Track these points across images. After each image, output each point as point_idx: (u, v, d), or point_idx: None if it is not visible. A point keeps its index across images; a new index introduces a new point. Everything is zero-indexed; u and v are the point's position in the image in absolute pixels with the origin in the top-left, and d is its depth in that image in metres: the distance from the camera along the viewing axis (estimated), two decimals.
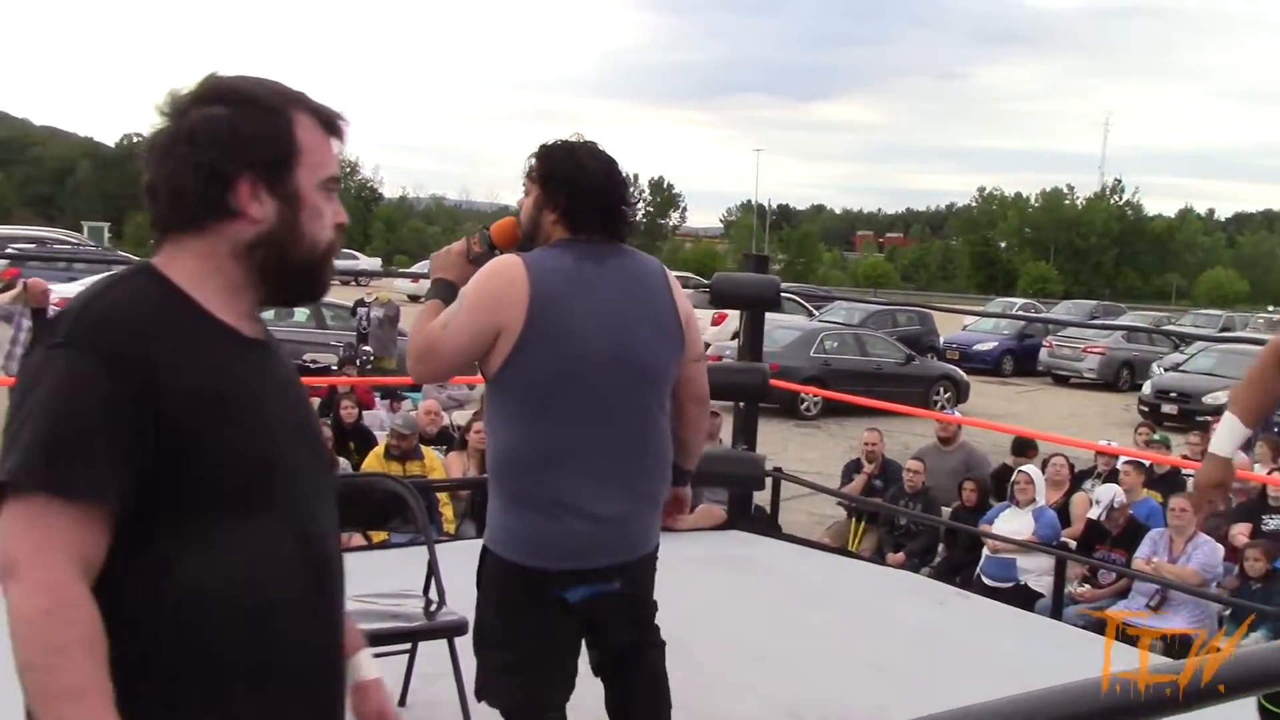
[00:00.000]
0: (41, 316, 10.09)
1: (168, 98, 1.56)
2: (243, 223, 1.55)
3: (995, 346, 27.04)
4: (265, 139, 1.54)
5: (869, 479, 8.98)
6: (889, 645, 5.00)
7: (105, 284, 1.54)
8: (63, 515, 1.39)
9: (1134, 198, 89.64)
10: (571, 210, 2.81)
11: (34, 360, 1.46)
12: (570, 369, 2.73)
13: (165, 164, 1.54)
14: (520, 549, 2.81)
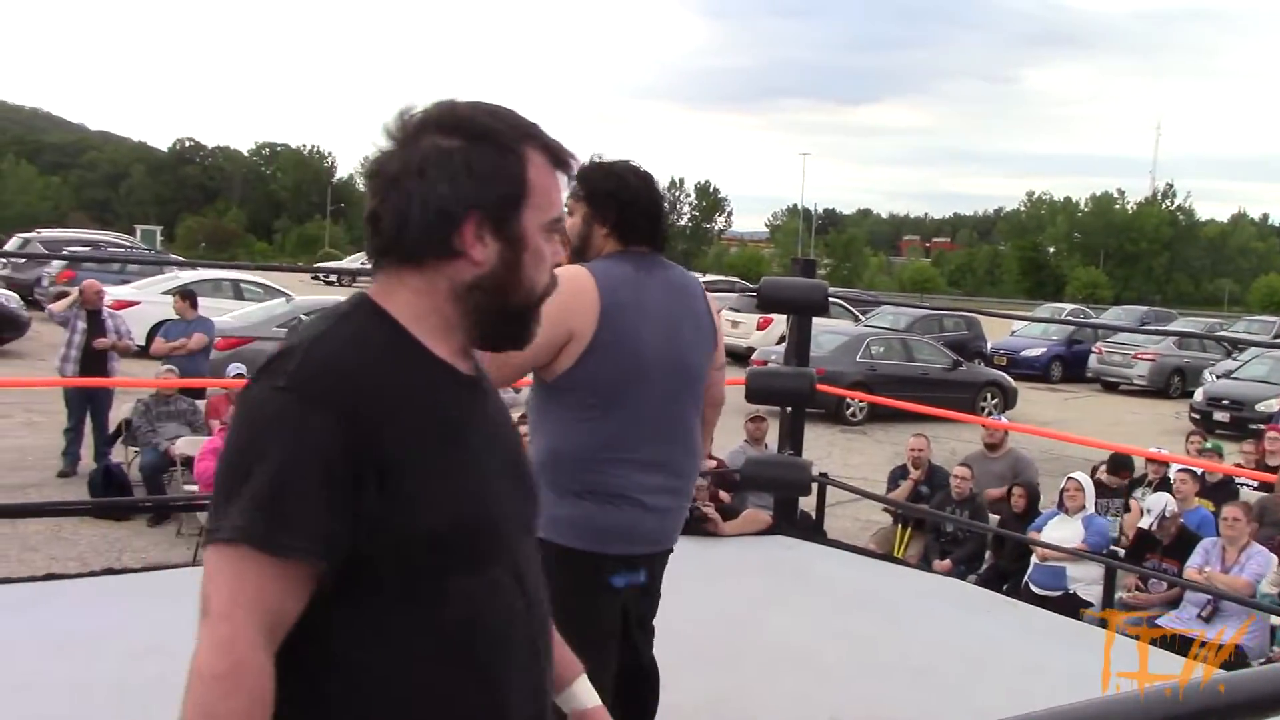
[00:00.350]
0: (96, 318, 10.26)
1: (398, 121, 1.50)
2: (464, 263, 1.49)
3: (1044, 352, 26.79)
4: (498, 179, 1.48)
5: (915, 485, 8.92)
6: (934, 653, 4.97)
7: (330, 321, 1.47)
8: (266, 569, 1.35)
9: (1186, 202, 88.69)
10: (622, 223, 3.02)
11: (255, 397, 1.41)
12: (633, 369, 2.94)
13: (392, 195, 1.47)
14: (581, 536, 2.93)
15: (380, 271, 1.52)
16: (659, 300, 3.01)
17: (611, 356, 2.91)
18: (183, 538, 8.41)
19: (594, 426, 2.94)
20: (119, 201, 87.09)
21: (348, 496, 1.37)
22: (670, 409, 3.01)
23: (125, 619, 4.69)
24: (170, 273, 19.53)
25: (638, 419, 2.96)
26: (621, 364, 2.92)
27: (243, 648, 1.34)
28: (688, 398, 3.08)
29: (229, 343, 14.18)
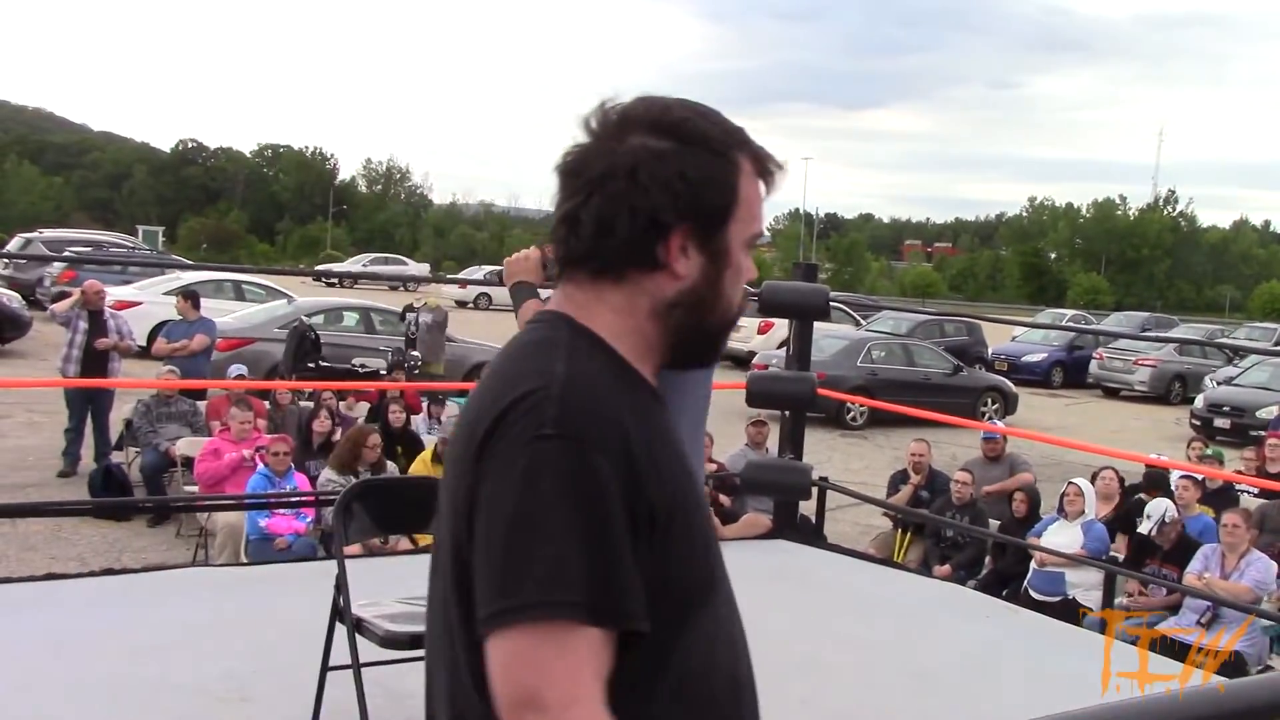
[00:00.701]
0: (98, 318, 10.26)
1: (599, 114, 1.38)
2: (665, 277, 1.36)
3: (1045, 358, 26.77)
4: (711, 188, 1.35)
5: (916, 490, 8.92)
6: (934, 658, 4.97)
7: (559, 353, 1.32)
8: (594, 642, 1.20)
9: (1188, 208, 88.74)
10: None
11: (517, 451, 1.24)
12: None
13: (595, 196, 1.34)
14: None
15: (569, 282, 1.40)
16: None
17: None
18: (182, 538, 8.41)
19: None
20: (121, 202, 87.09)
21: (634, 542, 1.24)
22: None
23: (125, 619, 4.69)
24: (172, 273, 19.54)
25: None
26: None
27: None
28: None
29: (230, 343, 14.18)
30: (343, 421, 9.30)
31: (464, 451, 1.30)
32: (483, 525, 1.24)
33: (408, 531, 5.96)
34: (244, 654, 4.32)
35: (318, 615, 3.83)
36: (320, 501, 7.14)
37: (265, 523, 7.24)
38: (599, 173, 1.34)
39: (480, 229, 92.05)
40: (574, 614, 1.18)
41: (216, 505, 7.61)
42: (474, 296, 39.60)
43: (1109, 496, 8.26)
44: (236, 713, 3.83)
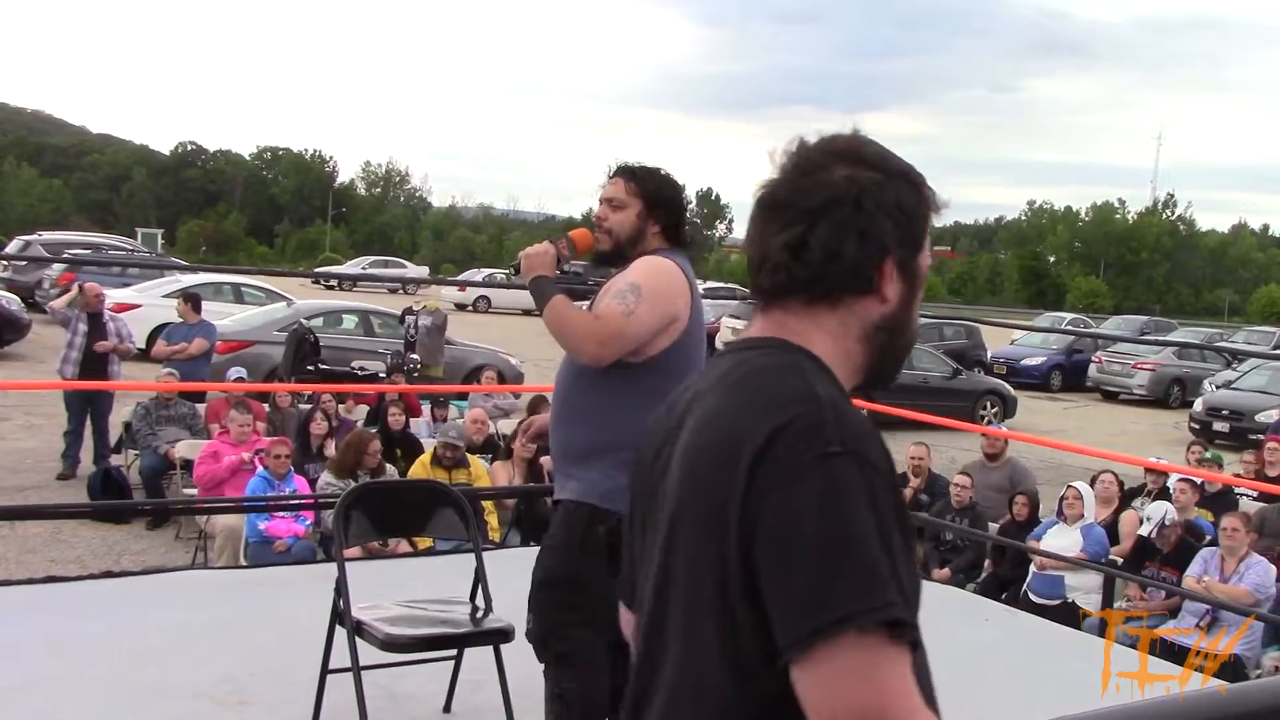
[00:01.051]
0: (97, 321, 10.26)
1: (799, 150, 1.45)
2: (873, 301, 1.43)
3: (1044, 362, 26.78)
4: (916, 217, 1.46)
5: (915, 493, 8.92)
6: (933, 661, 4.96)
7: (806, 376, 1.35)
8: (906, 652, 1.23)
9: (1186, 212, 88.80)
10: (673, 225, 3.31)
11: (806, 468, 1.24)
12: (697, 355, 3.21)
13: (822, 223, 1.39)
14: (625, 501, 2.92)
15: (779, 307, 1.45)
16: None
17: (695, 340, 3.20)
18: (181, 541, 8.41)
19: (649, 402, 2.87)
20: (120, 204, 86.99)
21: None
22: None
23: (124, 622, 4.69)
24: (171, 276, 19.55)
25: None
26: (696, 350, 3.20)
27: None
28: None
29: (229, 346, 14.18)
30: (342, 424, 9.30)
31: (719, 473, 1.30)
32: (781, 542, 1.23)
33: (407, 534, 5.96)
34: (243, 657, 4.32)
35: (317, 618, 3.83)
36: (319, 504, 7.15)
37: (264, 525, 7.24)
38: (821, 201, 1.40)
39: (479, 232, 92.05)
40: (896, 624, 1.20)
41: (216, 508, 7.62)
42: (473, 299, 39.64)
43: (1108, 500, 8.27)
44: (236, 716, 3.83)
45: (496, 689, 3.68)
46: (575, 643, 3.04)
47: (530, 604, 3.16)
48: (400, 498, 4.25)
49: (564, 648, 3.07)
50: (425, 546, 6.74)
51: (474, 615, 3.80)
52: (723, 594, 1.28)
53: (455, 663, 3.92)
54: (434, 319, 14.50)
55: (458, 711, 3.97)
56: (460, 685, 3.96)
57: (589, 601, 2.97)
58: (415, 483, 6.13)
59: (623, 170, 3.34)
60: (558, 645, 3.08)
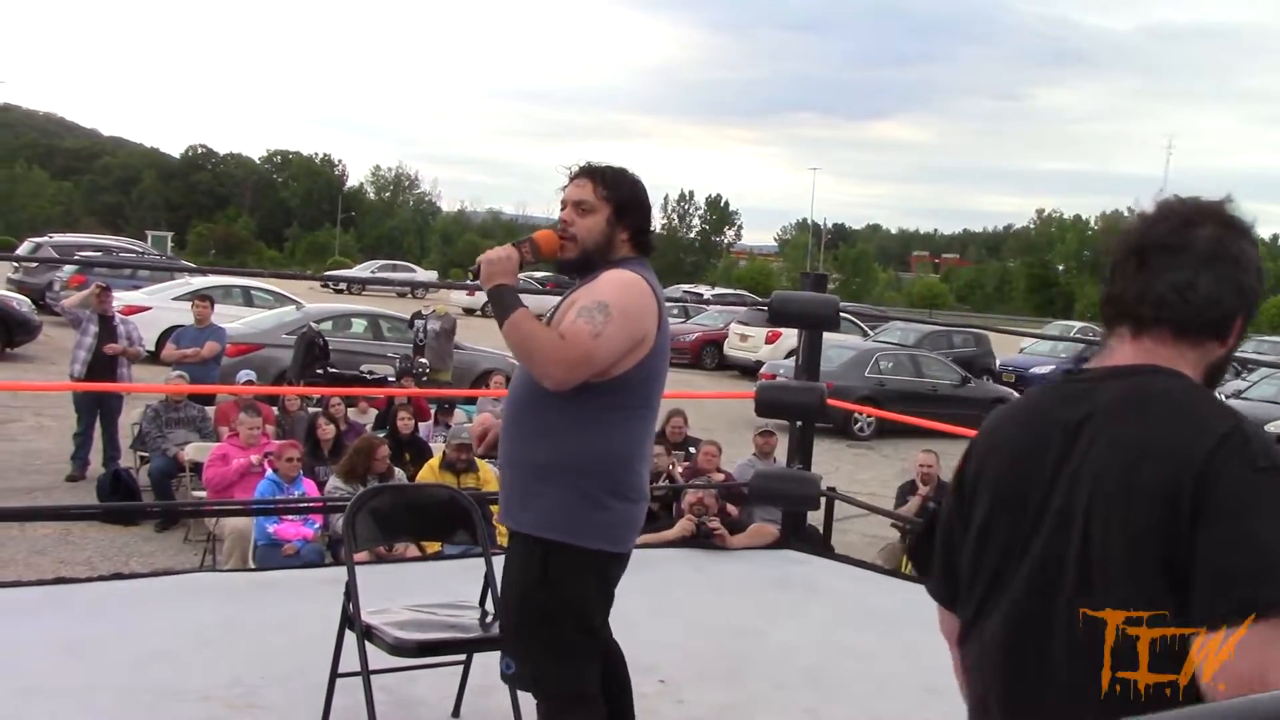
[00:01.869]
0: (107, 323, 10.28)
1: (1172, 203, 1.68)
2: (1218, 346, 1.65)
3: (1053, 370, 26.70)
4: (1262, 276, 1.67)
5: (924, 501, 8.89)
6: (944, 669, 4.94)
7: (1215, 399, 1.61)
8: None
9: None
10: (640, 232, 3.15)
11: (1248, 478, 1.48)
12: (662, 371, 3.09)
13: (1207, 272, 1.61)
14: (608, 536, 2.98)
15: (1150, 338, 1.65)
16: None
17: (658, 358, 3.04)
18: (190, 544, 8.42)
19: (632, 425, 3.02)
20: (130, 207, 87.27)
21: None
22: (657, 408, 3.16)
23: (133, 624, 4.69)
24: (181, 279, 19.59)
25: (653, 419, 3.13)
26: (660, 366, 3.07)
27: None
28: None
29: (239, 349, 14.20)
30: (351, 428, 9.31)
31: (1162, 479, 1.50)
32: (1224, 535, 1.45)
33: (416, 539, 5.96)
34: (253, 660, 4.32)
35: (326, 622, 3.83)
36: (329, 508, 7.15)
37: (273, 528, 7.25)
38: (1209, 253, 1.62)
39: (488, 236, 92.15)
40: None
41: (225, 511, 7.62)
42: (482, 304, 39.65)
43: None
44: (245, 719, 3.82)
45: (505, 694, 3.67)
46: (568, 680, 3.02)
47: (508, 647, 3.07)
48: (409, 502, 4.24)
49: (559, 688, 3.03)
50: (434, 551, 6.74)
51: (483, 620, 3.79)
52: (1143, 582, 1.52)
53: (464, 667, 3.92)
54: (443, 323, 14.51)
55: (466, 716, 3.96)
56: (469, 690, 3.96)
57: (567, 634, 2.97)
58: (424, 487, 6.14)
59: (589, 171, 3.13)
60: (550, 687, 3.04)
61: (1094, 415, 1.60)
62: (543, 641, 2.99)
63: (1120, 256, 1.68)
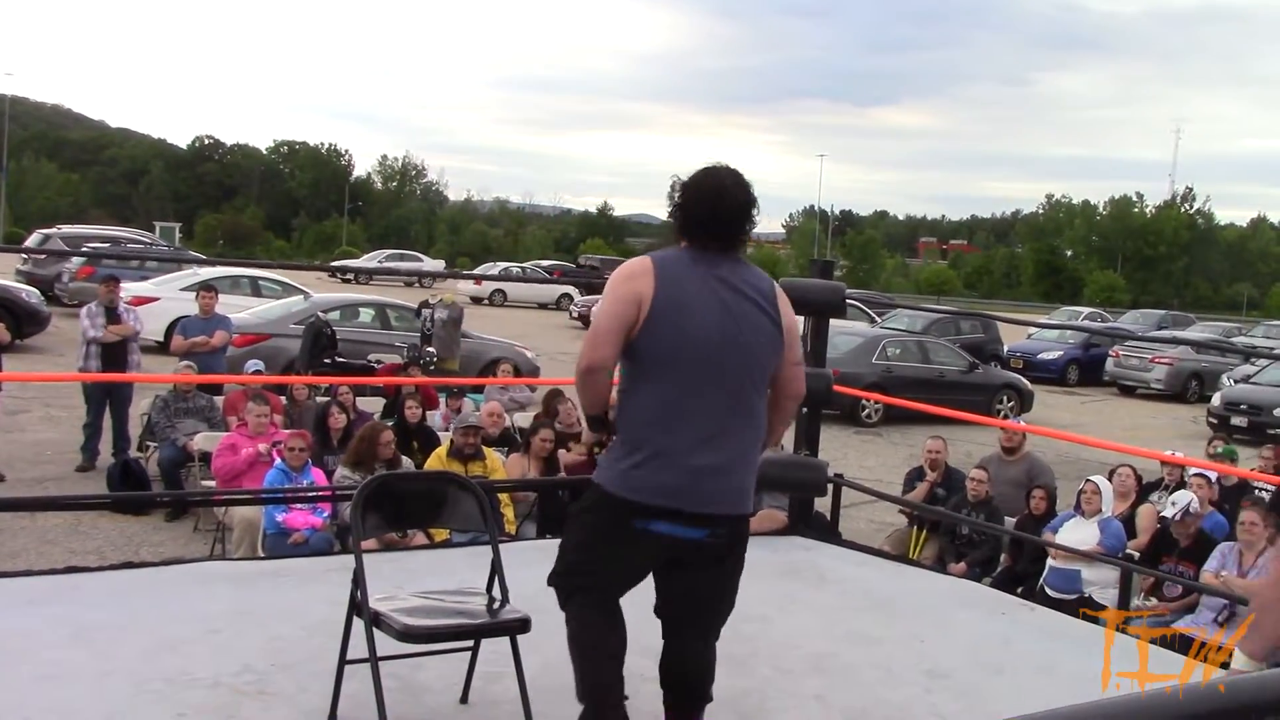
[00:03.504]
0: (114, 314, 10.31)
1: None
2: None
3: (1060, 356, 26.70)
4: None
5: (932, 487, 8.91)
6: (950, 655, 4.97)
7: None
8: None
9: (1205, 206, 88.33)
10: (685, 227, 3.52)
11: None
12: (680, 344, 3.38)
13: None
14: (625, 486, 3.42)
15: None
16: (711, 289, 3.42)
17: (662, 328, 3.36)
18: (200, 533, 8.45)
19: (650, 389, 3.42)
20: (138, 198, 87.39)
21: None
22: (723, 383, 3.42)
23: (144, 612, 4.72)
24: (189, 269, 19.63)
25: (688, 386, 3.39)
26: (670, 338, 3.37)
27: None
28: (744, 377, 3.46)
29: (247, 339, 14.24)
30: (360, 417, 9.34)
31: None
32: None
33: (423, 526, 5.99)
34: (262, 647, 4.34)
35: (334, 609, 3.85)
36: (337, 497, 7.17)
37: (282, 517, 7.28)
38: None
39: (495, 226, 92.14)
40: None
41: (234, 500, 7.65)
42: (489, 293, 39.69)
43: (1125, 494, 8.24)
44: (256, 706, 3.85)
45: (513, 680, 3.69)
46: (563, 575, 3.59)
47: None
48: (417, 489, 4.25)
49: (561, 576, 3.60)
50: (441, 539, 6.76)
51: (490, 606, 3.81)
52: None
53: (472, 654, 3.93)
54: (450, 312, 14.53)
55: (475, 702, 3.98)
56: (477, 676, 3.97)
57: (570, 547, 3.61)
58: (432, 474, 6.15)
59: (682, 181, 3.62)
60: (558, 570, 3.61)
61: None
62: (564, 544, 3.63)
63: None
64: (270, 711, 3.82)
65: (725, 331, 3.41)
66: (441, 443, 8.53)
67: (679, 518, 3.39)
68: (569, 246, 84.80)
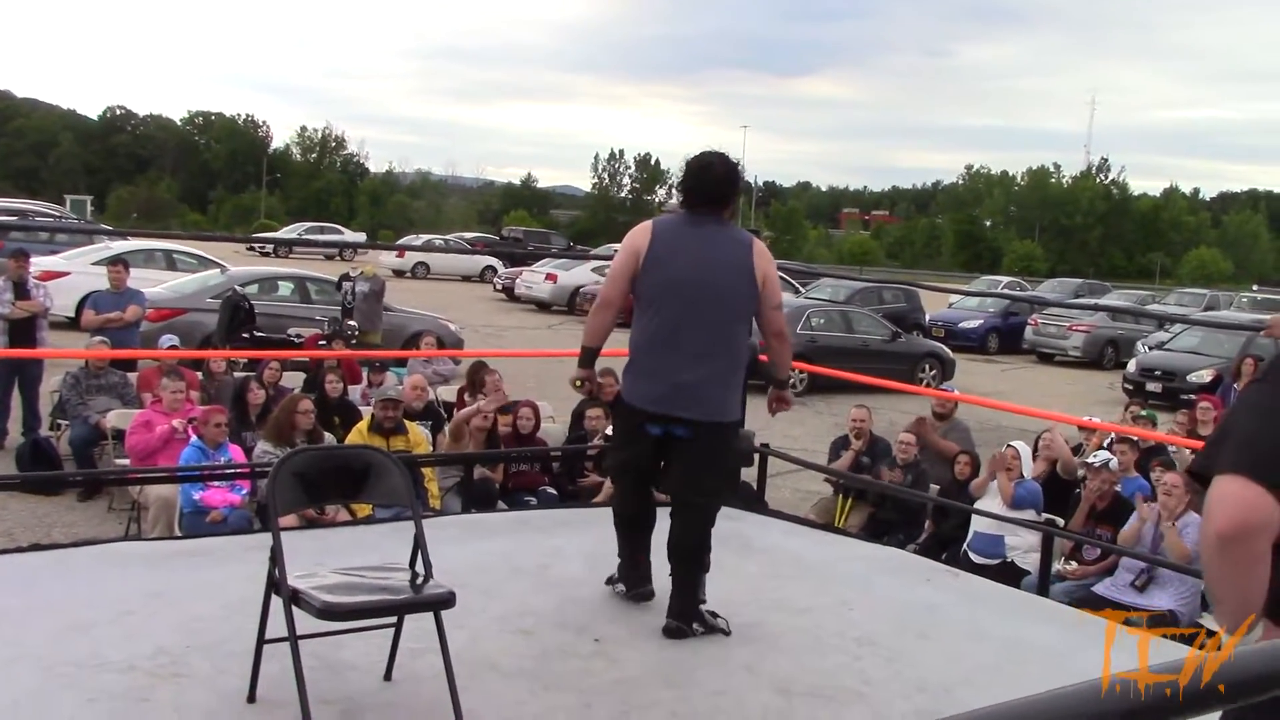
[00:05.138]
0: (22, 290, 10.00)
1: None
2: None
3: (981, 324, 27.09)
4: None
5: (857, 456, 8.95)
6: (877, 622, 4.99)
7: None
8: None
9: (1120, 177, 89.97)
10: (682, 191, 4.68)
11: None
12: (668, 285, 4.50)
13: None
14: (631, 395, 4.67)
15: None
16: (697, 244, 4.54)
17: (655, 274, 4.52)
18: (114, 513, 8.24)
19: (646, 323, 4.58)
20: (47, 171, 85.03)
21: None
22: (702, 317, 4.50)
23: (55, 595, 4.57)
24: (100, 243, 19.13)
25: (673, 321, 4.50)
26: (660, 279, 4.51)
27: None
28: (721, 313, 4.54)
29: (162, 314, 13.93)
30: (280, 393, 9.15)
31: None
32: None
33: (344, 501, 5.87)
34: (178, 629, 4.22)
35: (253, 588, 3.75)
36: (255, 473, 7.02)
37: (199, 496, 7.11)
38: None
39: (417, 197, 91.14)
40: None
41: (149, 478, 7.46)
42: (412, 265, 39.25)
43: (1050, 458, 8.34)
44: (170, 688, 3.74)
45: (438, 656, 3.62)
46: (612, 465, 5.38)
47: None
48: (337, 463, 4.13)
49: (609, 470, 5.67)
50: (365, 515, 6.65)
51: (414, 582, 3.73)
52: None
53: (395, 630, 3.85)
54: (372, 285, 14.33)
55: (399, 679, 3.91)
56: (401, 653, 3.90)
57: (618, 444, 5.11)
58: (352, 448, 6.02)
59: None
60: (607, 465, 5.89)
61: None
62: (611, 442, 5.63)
63: None
64: (186, 694, 3.71)
65: (702, 277, 4.46)
66: (363, 417, 8.39)
67: (668, 420, 4.53)
68: (492, 218, 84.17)
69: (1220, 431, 1.99)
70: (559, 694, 3.94)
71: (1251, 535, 1.83)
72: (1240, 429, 1.93)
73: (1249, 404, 2.00)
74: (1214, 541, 1.86)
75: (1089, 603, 6.45)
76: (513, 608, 4.76)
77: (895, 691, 4.18)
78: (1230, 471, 1.86)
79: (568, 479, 8.42)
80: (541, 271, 29.86)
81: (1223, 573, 1.87)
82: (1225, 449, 1.91)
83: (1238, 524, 1.82)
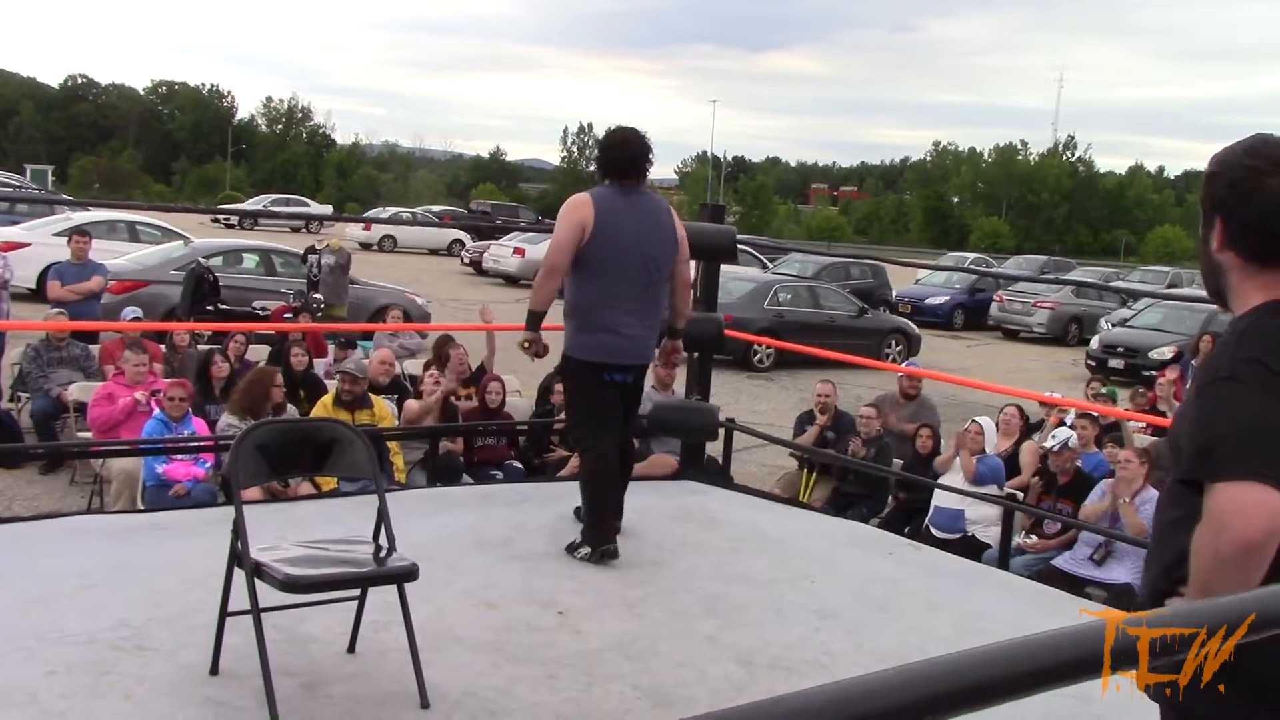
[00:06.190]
0: None
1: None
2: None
3: (947, 301, 27.23)
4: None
5: (821, 430, 8.99)
6: (839, 595, 5.03)
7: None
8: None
9: (1086, 154, 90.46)
10: (604, 168, 5.29)
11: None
12: (613, 251, 5.09)
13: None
14: (587, 352, 5.18)
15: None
16: (632, 212, 5.16)
17: (601, 242, 5.07)
18: (76, 486, 8.19)
19: (593, 286, 5.13)
20: (7, 140, 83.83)
21: None
22: (641, 279, 5.16)
23: (16, 569, 4.54)
24: (62, 213, 18.90)
25: (618, 282, 5.12)
26: (607, 246, 5.08)
27: None
28: (654, 273, 5.21)
29: (125, 286, 13.80)
30: (244, 366, 9.09)
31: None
32: None
33: (308, 474, 5.85)
34: (140, 602, 4.21)
35: (216, 562, 3.74)
36: (219, 446, 6.98)
37: (163, 469, 7.07)
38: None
39: (384, 169, 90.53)
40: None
41: (111, 451, 7.40)
42: (378, 238, 39.02)
43: (1010, 432, 8.42)
44: (133, 661, 3.73)
45: (401, 629, 3.63)
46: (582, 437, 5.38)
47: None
48: (301, 436, 4.12)
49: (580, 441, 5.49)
50: (329, 489, 6.63)
51: (377, 555, 3.73)
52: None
53: (358, 603, 3.85)
54: (337, 258, 14.22)
55: (362, 652, 3.91)
56: (364, 626, 3.90)
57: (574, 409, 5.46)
58: (316, 421, 6.00)
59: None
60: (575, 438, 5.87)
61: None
62: (569, 411, 5.68)
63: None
64: (148, 666, 3.70)
65: (639, 241, 5.12)
66: (328, 391, 8.35)
67: (623, 369, 5.21)
68: (460, 191, 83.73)
69: (1207, 437, 1.91)
70: (522, 666, 3.96)
71: (1274, 541, 1.82)
72: (1235, 434, 1.87)
73: (1231, 405, 1.91)
74: (1237, 550, 1.82)
75: (1048, 576, 6.53)
76: (477, 581, 4.77)
77: (855, 662, 4.22)
78: (1244, 479, 1.82)
79: (534, 453, 8.43)
80: (509, 245, 29.74)
81: (1240, 579, 1.82)
82: (1224, 455, 1.86)
83: (1269, 532, 1.80)
